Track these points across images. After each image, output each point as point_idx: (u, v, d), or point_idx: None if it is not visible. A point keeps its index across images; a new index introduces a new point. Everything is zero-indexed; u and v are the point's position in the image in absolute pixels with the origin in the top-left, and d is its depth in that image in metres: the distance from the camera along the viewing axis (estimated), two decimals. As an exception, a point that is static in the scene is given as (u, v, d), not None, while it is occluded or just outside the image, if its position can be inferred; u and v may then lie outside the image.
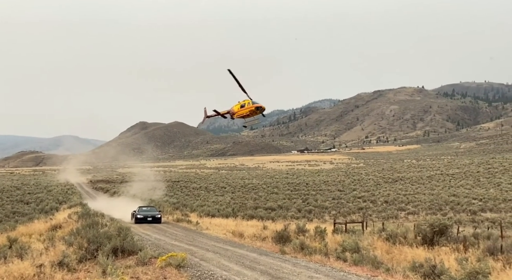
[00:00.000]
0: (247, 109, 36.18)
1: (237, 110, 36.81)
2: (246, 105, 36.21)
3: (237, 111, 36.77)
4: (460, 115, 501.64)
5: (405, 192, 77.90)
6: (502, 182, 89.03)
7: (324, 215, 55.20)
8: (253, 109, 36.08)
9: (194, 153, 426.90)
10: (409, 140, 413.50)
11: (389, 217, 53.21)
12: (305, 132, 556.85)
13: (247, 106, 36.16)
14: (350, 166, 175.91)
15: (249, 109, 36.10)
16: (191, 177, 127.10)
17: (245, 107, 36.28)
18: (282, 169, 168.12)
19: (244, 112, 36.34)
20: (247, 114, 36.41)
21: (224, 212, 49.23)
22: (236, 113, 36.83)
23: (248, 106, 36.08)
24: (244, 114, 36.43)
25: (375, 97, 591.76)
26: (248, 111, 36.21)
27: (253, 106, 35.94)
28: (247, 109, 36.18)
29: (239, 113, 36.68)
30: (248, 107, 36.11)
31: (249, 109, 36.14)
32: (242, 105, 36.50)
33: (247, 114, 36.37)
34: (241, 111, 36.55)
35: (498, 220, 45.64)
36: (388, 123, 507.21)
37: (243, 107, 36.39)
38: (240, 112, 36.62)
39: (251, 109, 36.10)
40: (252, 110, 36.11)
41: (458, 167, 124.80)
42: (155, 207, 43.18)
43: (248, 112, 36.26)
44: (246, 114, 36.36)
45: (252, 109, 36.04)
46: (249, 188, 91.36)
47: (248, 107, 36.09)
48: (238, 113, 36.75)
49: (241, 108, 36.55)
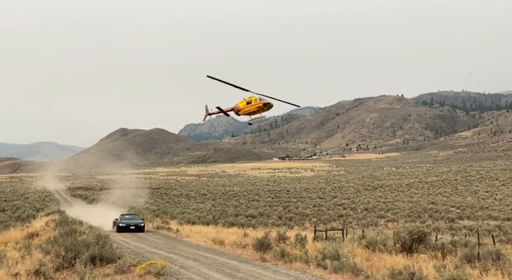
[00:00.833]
0: (254, 105, 34.25)
1: (242, 107, 34.84)
2: (253, 102, 34.30)
3: (243, 108, 34.79)
4: (438, 123, 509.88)
5: (384, 199, 78.60)
6: (479, 190, 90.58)
7: (304, 222, 55.33)
8: (261, 106, 34.16)
9: (175, 160, 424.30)
10: (388, 148, 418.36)
11: (369, 224, 53.60)
12: (286, 139, 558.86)
13: (254, 103, 34.24)
14: (331, 173, 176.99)
15: (257, 105, 34.20)
16: (171, 184, 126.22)
17: (252, 103, 34.33)
18: (263, 176, 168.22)
19: (251, 109, 34.37)
20: (254, 111, 34.49)
21: (205, 219, 48.96)
22: (242, 110, 34.83)
23: (255, 103, 34.17)
24: (251, 111, 34.53)
25: (355, 105, 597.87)
26: (255, 108, 34.27)
27: (260, 102, 34.05)
28: (254, 105, 34.25)
29: (245, 110, 34.68)
30: (255, 104, 34.20)
31: (257, 106, 34.21)
32: (248, 102, 34.57)
33: (254, 111, 34.45)
34: (248, 108, 34.56)
35: (475, 227, 46.34)
36: (368, 131, 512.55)
37: (250, 103, 34.45)
38: (246, 109, 34.62)
39: (258, 106, 34.19)
40: (260, 106, 34.20)
41: (437, 175, 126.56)
42: (138, 215, 41.78)
43: (255, 109, 34.31)
44: (253, 111, 34.44)
45: (260, 105, 34.15)
46: (230, 195, 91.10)
47: (256, 104, 34.17)
48: (244, 110, 34.74)
49: (248, 105, 34.54)
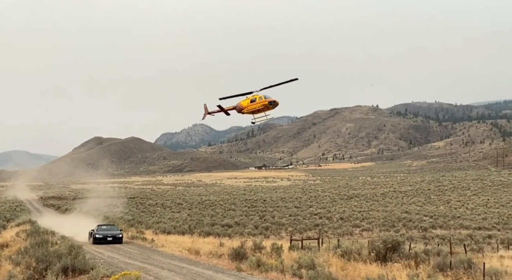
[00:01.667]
0: (259, 103, 33.32)
1: (246, 105, 33.83)
2: (258, 100, 33.42)
3: (247, 106, 33.79)
4: (412, 134, 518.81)
5: (360, 208, 79.35)
6: (451, 199, 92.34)
7: (281, 231, 55.36)
8: (266, 104, 33.21)
9: (150, 169, 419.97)
10: (364, 157, 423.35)
11: (344, 233, 53.96)
12: (263, 149, 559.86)
13: (259, 101, 33.34)
14: (307, 182, 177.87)
15: (262, 103, 33.24)
16: (147, 193, 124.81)
17: (257, 102, 33.42)
18: (240, 186, 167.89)
19: (256, 107, 33.44)
20: (259, 109, 33.61)
21: (181, 229, 48.54)
22: (246, 108, 33.79)
23: (260, 101, 33.29)
24: (256, 109, 33.62)
25: (331, 115, 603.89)
26: (260, 106, 33.33)
27: (266, 100, 33.15)
28: (259, 103, 33.32)
29: (249, 108, 33.67)
30: (260, 102, 33.30)
31: (262, 104, 33.25)
32: (252, 100, 33.61)
33: (258, 109, 33.56)
34: (252, 106, 33.58)
35: (448, 236, 47.18)
36: (344, 141, 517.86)
37: (254, 102, 33.51)
38: (250, 107, 33.62)
39: (264, 104, 33.24)
40: (265, 104, 33.24)
41: (410, 184, 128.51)
42: (115, 226, 40.26)
43: (260, 107, 33.38)
44: (258, 109, 33.55)
45: (265, 104, 33.19)
46: (206, 205, 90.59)
47: (261, 102, 33.28)
48: (248, 108, 33.70)
49: (252, 103, 33.58)
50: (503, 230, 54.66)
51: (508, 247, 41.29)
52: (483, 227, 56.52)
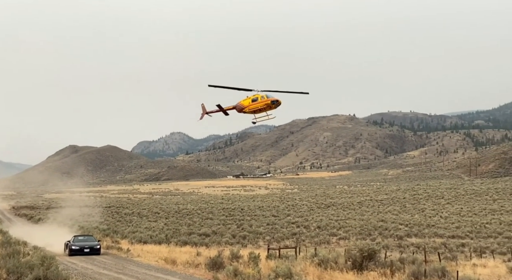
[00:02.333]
0: (261, 103, 32.73)
1: (247, 105, 33.21)
2: (259, 99, 32.80)
3: (248, 105, 33.16)
4: (388, 143, 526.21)
5: (337, 217, 79.86)
6: (426, 208, 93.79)
7: (258, 240, 55.27)
8: (269, 103, 32.62)
9: (127, 178, 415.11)
10: (341, 166, 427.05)
11: (321, 242, 54.17)
12: (241, 157, 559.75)
13: (261, 100, 32.72)
14: (285, 191, 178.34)
15: (264, 103, 32.64)
16: (123, 202, 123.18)
17: (259, 101, 32.81)
18: (218, 194, 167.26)
19: (258, 107, 32.83)
20: (260, 109, 33.01)
21: (157, 238, 48.03)
22: (247, 107, 33.16)
23: (263, 100, 32.69)
24: (257, 109, 33.00)
25: (309, 124, 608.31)
26: (263, 105, 32.74)
27: (268, 100, 32.55)
28: (261, 103, 32.73)
29: (250, 108, 33.05)
30: (262, 101, 32.70)
31: (264, 103, 32.65)
32: (253, 100, 33.01)
33: (260, 108, 32.95)
34: (254, 106, 32.94)
35: (422, 245, 47.80)
36: (321, 150, 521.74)
37: (256, 101, 32.91)
38: (252, 107, 33.00)
39: (266, 103, 32.64)
40: (268, 104, 32.65)
41: (386, 193, 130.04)
42: (93, 236, 38.76)
43: (263, 106, 32.80)
44: (261, 108, 32.93)
45: (268, 103, 32.60)
46: (184, 214, 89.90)
47: (263, 101, 32.68)
48: (249, 108, 33.07)
49: (253, 103, 32.97)
50: (476, 238, 55.68)
51: (480, 255, 42.05)
52: (456, 236, 57.48)
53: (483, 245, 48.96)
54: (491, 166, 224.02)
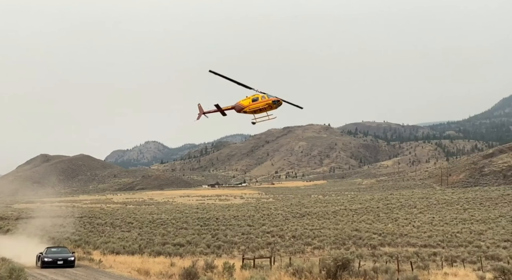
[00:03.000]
0: (262, 102, 32.02)
1: (247, 105, 32.50)
2: (260, 99, 32.12)
3: (248, 105, 32.46)
4: (362, 152, 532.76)
5: (311, 226, 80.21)
6: (399, 217, 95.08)
7: (233, 250, 55.03)
8: (270, 103, 31.88)
9: (100, 187, 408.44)
10: (316, 176, 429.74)
11: (296, 251, 54.26)
12: (216, 166, 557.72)
13: (262, 100, 32.05)
14: (260, 200, 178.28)
15: (265, 102, 31.92)
16: (96, 212, 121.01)
17: (259, 101, 32.11)
18: (193, 204, 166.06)
19: (259, 106, 32.10)
20: (261, 109, 32.29)
21: (130, 249, 47.34)
22: (247, 107, 32.44)
23: (264, 100, 32.00)
24: (257, 109, 32.27)
25: (284, 134, 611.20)
26: (264, 105, 32.04)
27: (269, 99, 31.87)
28: (262, 102, 32.02)
29: (251, 107, 32.32)
30: (263, 101, 32.00)
31: (265, 103, 31.93)
32: (254, 99, 32.34)
33: (261, 108, 32.22)
34: (254, 105, 32.22)
35: (395, 254, 48.34)
36: (296, 159, 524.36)
37: (256, 101, 32.24)
38: (252, 107, 32.27)
39: (267, 103, 31.91)
40: (269, 104, 31.91)
41: (360, 203, 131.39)
42: (67, 248, 37.16)
43: (263, 106, 32.10)
44: (261, 108, 32.20)
45: (269, 103, 31.87)
46: (158, 223, 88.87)
47: (264, 101, 31.99)
48: (250, 108, 32.35)
49: (254, 102, 32.28)
50: (447, 247, 56.66)
51: (451, 264, 42.81)
52: (428, 245, 58.38)
53: (454, 254, 49.84)
54: (461, 176, 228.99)
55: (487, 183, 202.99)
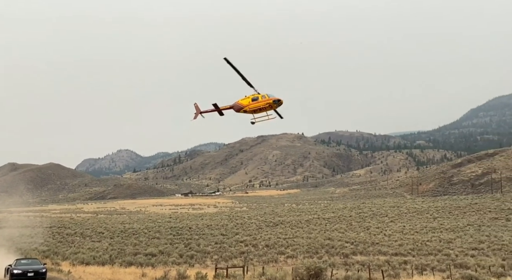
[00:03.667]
0: (263, 102, 31.64)
1: (247, 104, 32.08)
2: (260, 99, 31.74)
3: (248, 104, 32.03)
4: (335, 161, 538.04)
5: (285, 235, 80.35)
6: (371, 226, 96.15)
7: (206, 260, 54.63)
8: (270, 103, 31.58)
9: (70, 196, 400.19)
10: (290, 184, 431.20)
11: (269, 260, 54.25)
12: (190, 175, 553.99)
13: (262, 100, 31.68)
14: (234, 209, 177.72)
15: (266, 102, 31.53)
16: (65, 222, 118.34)
17: (260, 100, 31.75)
18: (165, 213, 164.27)
19: (260, 106, 31.70)
20: (261, 109, 31.91)
21: (101, 259, 46.50)
22: (247, 106, 31.99)
23: (264, 100, 31.63)
24: (257, 108, 31.86)
25: (258, 142, 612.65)
26: (264, 104, 31.65)
27: (270, 99, 31.56)
28: (263, 102, 31.64)
29: (250, 107, 31.88)
30: (264, 100, 31.62)
31: (266, 102, 31.54)
32: (254, 99, 31.96)
33: (261, 108, 31.82)
34: (254, 105, 31.82)
35: (367, 262, 48.91)
36: (270, 168, 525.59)
37: (256, 100, 31.85)
38: (252, 106, 31.85)
39: (268, 102, 31.54)
40: (269, 103, 31.58)
41: (333, 211, 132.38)
42: (38, 259, 35.70)
43: (264, 106, 31.71)
44: (261, 107, 31.80)
45: (270, 102, 31.54)
46: (129, 233, 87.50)
47: (265, 100, 31.60)
48: (249, 107, 31.90)
49: (254, 102, 31.88)
50: (417, 256, 57.57)
51: (421, 272, 43.52)
52: (399, 253, 59.20)
53: (424, 262, 50.69)
54: (431, 185, 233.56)
55: (456, 192, 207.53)
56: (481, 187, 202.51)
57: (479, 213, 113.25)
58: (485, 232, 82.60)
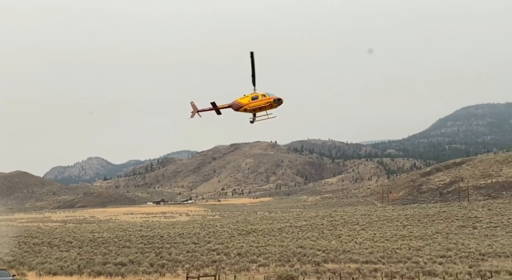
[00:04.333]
0: (263, 101, 31.17)
1: (247, 103, 31.53)
2: (260, 97, 31.28)
3: (247, 103, 31.49)
4: (308, 170, 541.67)
5: (257, 244, 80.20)
6: (342, 233, 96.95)
7: (177, 269, 54.01)
8: (271, 102, 31.14)
9: (38, 205, 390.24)
10: (262, 193, 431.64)
11: (241, 269, 54.05)
12: (162, 183, 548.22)
13: (263, 98, 31.22)
14: (206, 217, 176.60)
15: (267, 101, 31.06)
16: (32, 232, 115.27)
17: (260, 99, 31.26)
18: (136, 221, 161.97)
19: (260, 104, 31.23)
20: (261, 108, 31.40)
21: (69, 269, 45.44)
22: (247, 105, 31.46)
23: (264, 98, 31.17)
24: (257, 107, 31.33)
25: (232, 150, 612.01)
26: (265, 103, 31.16)
27: (271, 98, 31.13)
28: (263, 101, 31.17)
29: (250, 105, 31.37)
30: (264, 99, 31.15)
31: (267, 101, 31.06)
32: (254, 97, 31.48)
33: (261, 107, 31.33)
34: (254, 104, 31.31)
35: (338, 270, 49.26)
36: (243, 176, 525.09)
37: (256, 99, 31.36)
38: (252, 105, 31.35)
39: (268, 101, 31.07)
40: (270, 102, 31.12)
41: (306, 219, 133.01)
42: (6, 270, 34.51)
43: (264, 104, 31.21)
44: (260, 107, 31.31)
45: (270, 101, 31.09)
46: (99, 242, 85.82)
47: (265, 99, 31.14)
48: (249, 106, 31.38)
49: (254, 101, 31.39)
50: (387, 263, 58.29)
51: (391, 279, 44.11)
52: (370, 261, 59.83)
53: (394, 270, 51.35)
54: (401, 193, 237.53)
55: (424, 200, 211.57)
56: (449, 195, 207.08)
57: (447, 221, 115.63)
58: (452, 239, 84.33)
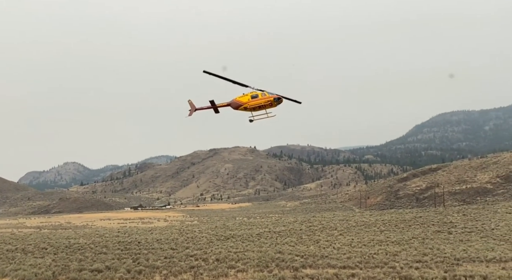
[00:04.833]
0: (263, 99, 31.15)
1: (246, 101, 31.48)
2: (260, 96, 31.22)
3: (247, 102, 31.43)
4: (287, 175, 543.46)
5: (236, 249, 79.95)
6: (320, 239, 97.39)
7: (155, 275, 53.45)
8: (271, 101, 31.17)
9: (12, 211, 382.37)
10: (241, 198, 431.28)
11: (219, 275, 53.78)
12: (140, 188, 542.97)
13: (263, 97, 31.16)
14: (184, 223, 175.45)
15: (267, 99, 31.09)
16: (5, 238, 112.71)
17: (260, 98, 31.21)
18: (114, 227, 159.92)
19: (260, 103, 31.18)
20: (261, 106, 31.25)
21: (43, 276, 44.58)
22: (247, 104, 31.41)
23: (264, 97, 31.14)
24: (256, 106, 31.15)
25: (211, 155, 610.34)
26: (264, 102, 31.12)
27: (271, 97, 31.15)
28: (263, 99, 31.15)
29: (250, 104, 31.30)
30: (264, 98, 31.13)
31: (267, 100, 31.10)
32: (253, 96, 31.43)
33: (260, 106, 31.16)
34: (254, 102, 31.26)
35: (316, 276, 49.43)
36: (222, 181, 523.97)
37: (256, 98, 31.26)
38: (252, 103, 31.22)
39: (268, 100, 31.12)
40: (270, 101, 31.14)
41: (284, 225, 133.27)
42: None
43: (264, 103, 31.11)
44: (260, 106, 31.14)
45: (270, 100, 31.13)
46: (75, 248, 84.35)
47: (265, 98, 31.12)
48: (249, 104, 31.31)
49: (253, 99, 31.37)
50: (364, 268, 58.71)
51: (368, 283, 44.43)
52: (347, 266, 60.19)
53: (371, 275, 51.76)
54: (379, 198, 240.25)
55: (401, 205, 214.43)
56: (425, 201, 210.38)
57: (423, 226, 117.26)
58: (428, 244, 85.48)
